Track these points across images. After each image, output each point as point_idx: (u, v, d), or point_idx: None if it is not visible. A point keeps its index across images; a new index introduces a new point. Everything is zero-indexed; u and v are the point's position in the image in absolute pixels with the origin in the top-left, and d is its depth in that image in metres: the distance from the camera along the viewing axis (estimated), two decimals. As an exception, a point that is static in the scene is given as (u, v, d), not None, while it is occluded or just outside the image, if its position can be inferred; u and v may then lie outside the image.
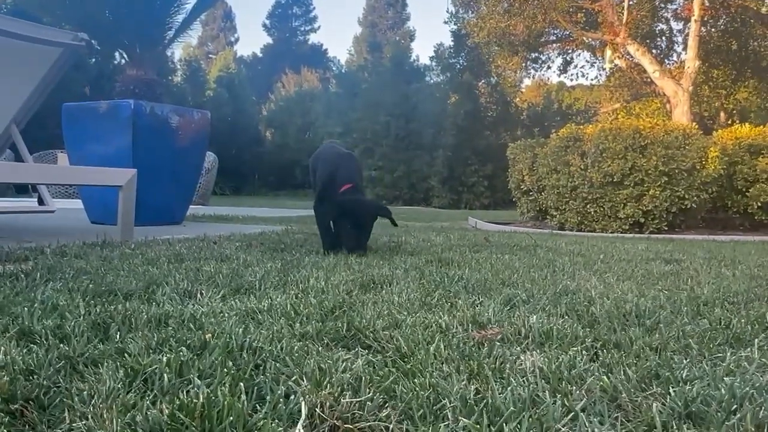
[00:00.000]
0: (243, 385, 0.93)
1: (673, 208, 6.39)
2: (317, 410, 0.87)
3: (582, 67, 23.02)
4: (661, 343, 1.30)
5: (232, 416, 0.82)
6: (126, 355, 1.09)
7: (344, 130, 22.75)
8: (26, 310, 1.37)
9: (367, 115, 22.58)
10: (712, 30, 14.49)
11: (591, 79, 18.58)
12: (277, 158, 27.78)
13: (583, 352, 1.22)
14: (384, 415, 0.88)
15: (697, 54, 11.37)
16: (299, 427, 0.83)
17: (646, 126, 6.62)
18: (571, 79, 21.50)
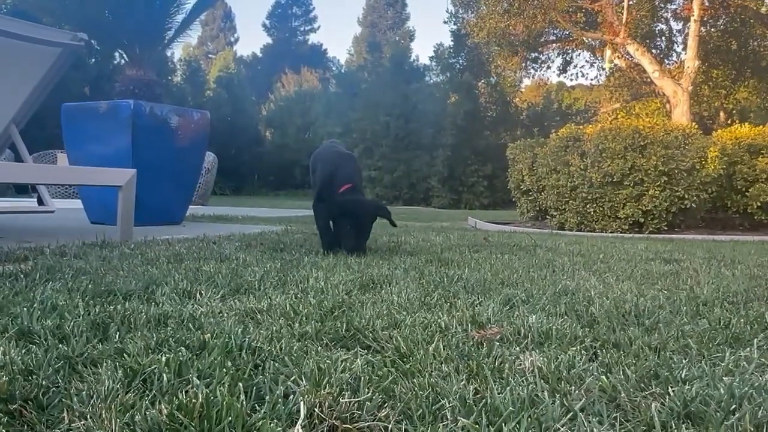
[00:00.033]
0: (242, 385, 0.93)
1: (673, 208, 6.39)
2: (316, 410, 0.87)
3: (582, 67, 23.14)
4: (660, 343, 1.30)
5: (230, 416, 0.82)
6: (125, 355, 1.09)
7: (344, 130, 22.74)
8: (25, 310, 1.37)
9: (367, 115, 22.58)
10: (712, 30, 14.50)
11: (591, 79, 18.66)
12: (277, 158, 27.78)
13: (583, 352, 1.22)
14: (383, 415, 0.88)
15: (697, 54, 11.38)
16: (298, 427, 0.83)
17: (646, 126, 6.63)
18: (570, 79, 21.58)
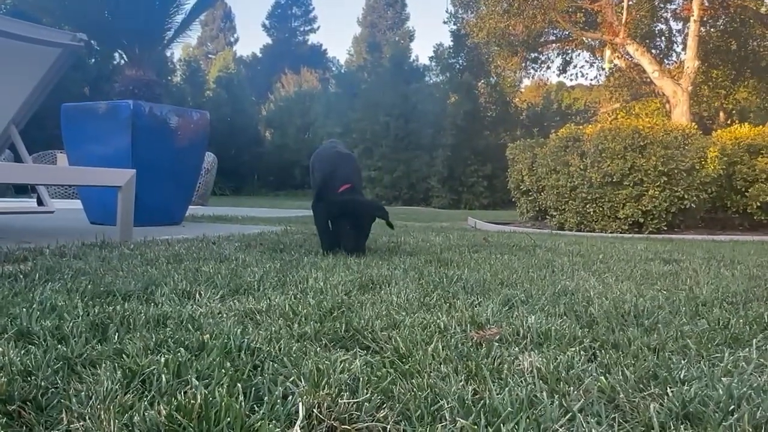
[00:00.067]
0: (241, 386, 0.93)
1: (673, 208, 6.39)
2: (315, 411, 0.87)
3: (581, 67, 23.12)
4: (659, 344, 1.30)
5: (229, 417, 0.82)
6: (124, 355, 1.09)
7: (344, 131, 22.74)
8: (25, 310, 1.37)
9: (367, 115, 22.58)
10: (712, 30, 14.51)
11: (590, 79, 18.68)
12: (277, 158, 27.77)
13: (581, 353, 1.22)
14: (382, 415, 0.88)
15: (697, 54, 11.39)
16: (297, 428, 0.83)
17: (646, 126, 6.63)
18: (570, 79, 21.58)
